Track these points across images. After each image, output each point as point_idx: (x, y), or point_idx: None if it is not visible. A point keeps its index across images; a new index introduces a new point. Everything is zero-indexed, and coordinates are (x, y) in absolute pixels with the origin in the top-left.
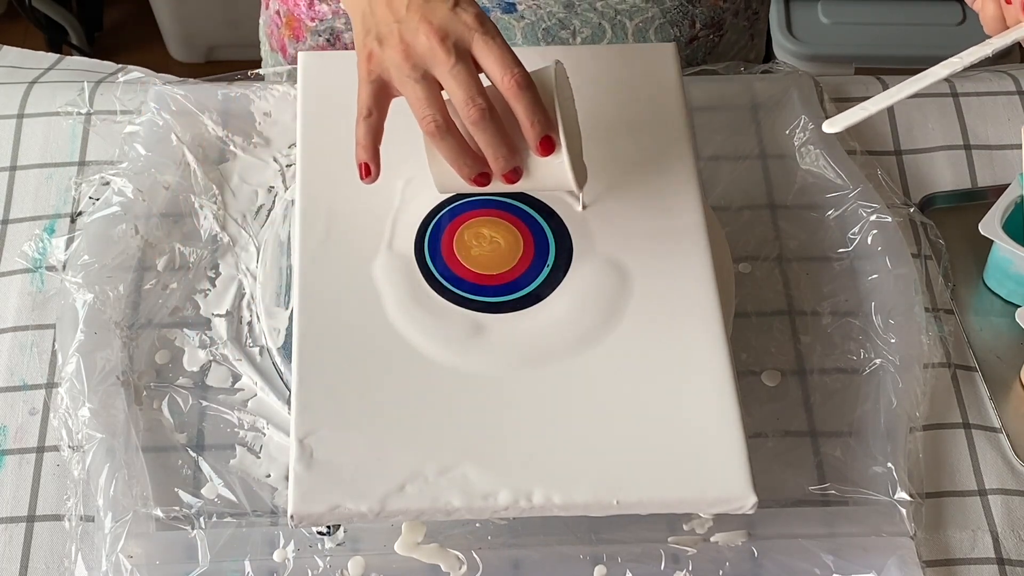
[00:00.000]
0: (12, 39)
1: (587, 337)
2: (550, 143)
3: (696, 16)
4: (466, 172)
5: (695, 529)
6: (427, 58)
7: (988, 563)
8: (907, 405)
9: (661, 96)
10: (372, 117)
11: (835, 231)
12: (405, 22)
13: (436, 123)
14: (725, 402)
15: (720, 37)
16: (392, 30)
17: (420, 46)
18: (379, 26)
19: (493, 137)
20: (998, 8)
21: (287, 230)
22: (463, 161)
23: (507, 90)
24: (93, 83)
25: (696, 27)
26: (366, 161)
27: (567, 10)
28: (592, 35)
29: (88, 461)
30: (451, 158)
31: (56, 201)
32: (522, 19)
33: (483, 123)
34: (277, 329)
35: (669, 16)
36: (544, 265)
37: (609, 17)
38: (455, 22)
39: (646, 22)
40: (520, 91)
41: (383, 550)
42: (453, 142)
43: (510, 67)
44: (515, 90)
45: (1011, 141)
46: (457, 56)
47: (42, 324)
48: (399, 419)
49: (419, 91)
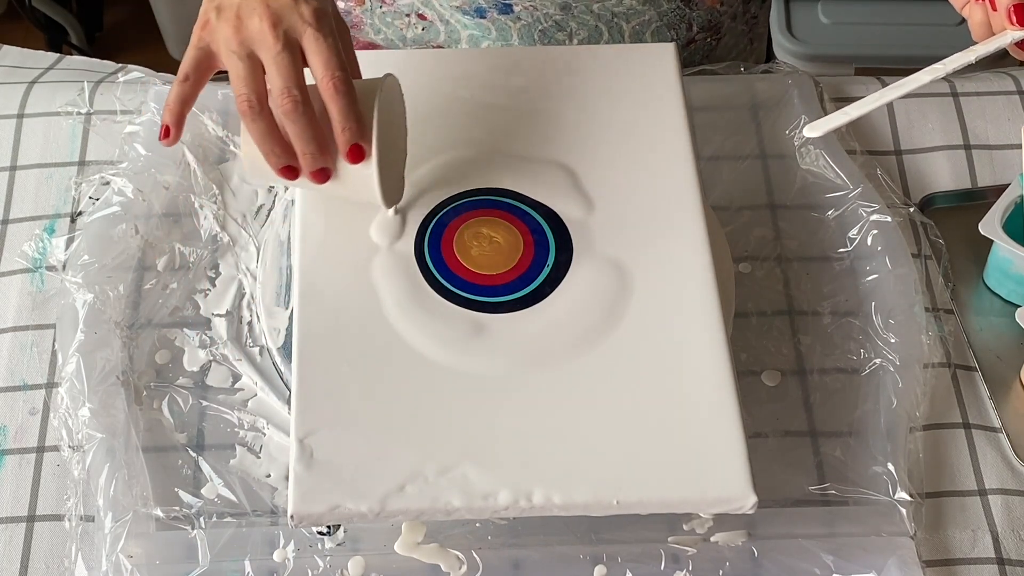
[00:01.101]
0: (12, 39)
1: (587, 337)
2: (359, 151)
3: (693, 19)
4: (273, 160)
5: (695, 529)
6: (256, 39)
7: (988, 563)
8: (907, 405)
9: (661, 96)
10: (187, 83)
11: (835, 231)
12: (246, 1)
13: (250, 103)
14: (725, 402)
15: (718, 41)
16: (232, 4)
17: (252, 26)
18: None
19: (303, 131)
20: (985, 14)
21: (287, 230)
22: (271, 148)
23: (324, 91)
24: (93, 83)
25: (693, 30)
26: (168, 124)
27: (564, 12)
28: (588, 37)
29: (88, 461)
30: (260, 141)
31: (56, 201)
32: (518, 20)
33: (295, 115)
34: (277, 329)
35: (666, 19)
36: (544, 265)
37: (606, 20)
38: (292, 12)
39: (643, 25)
40: (337, 94)
41: (383, 550)
42: (264, 125)
43: (332, 69)
44: (332, 92)
45: (1011, 141)
46: (284, 44)
47: (42, 324)
48: (399, 419)
49: (240, 68)
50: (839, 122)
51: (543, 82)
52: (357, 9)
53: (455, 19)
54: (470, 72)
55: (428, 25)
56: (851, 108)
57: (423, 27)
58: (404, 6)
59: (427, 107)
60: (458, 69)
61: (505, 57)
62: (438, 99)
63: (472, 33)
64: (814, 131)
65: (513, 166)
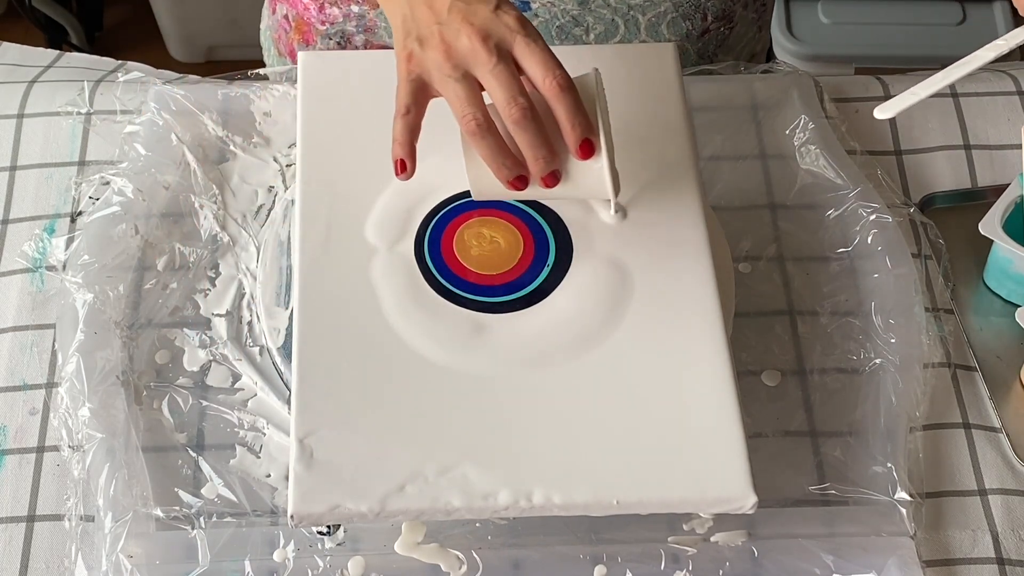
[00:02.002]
0: (12, 39)
1: (587, 337)
2: (590, 146)
3: (708, 9)
4: (504, 174)
5: (695, 529)
6: (468, 58)
7: (988, 563)
8: (907, 405)
9: (661, 96)
10: (410, 115)
11: (835, 231)
12: (447, 24)
13: (477, 121)
14: (725, 402)
15: (731, 30)
16: (433, 31)
17: (462, 47)
18: (420, 28)
19: (534, 137)
20: None
21: (287, 230)
22: (502, 162)
23: (548, 91)
24: (93, 83)
25: (708, 20)
26: (402, 157)
27: (581, 7)
28: (605, 31)
29: (88, 461)
30: (490, 158)
31: (56, 201)
32: (536, 17)
33: (525, 122)
34: (277, 329)
35: (681, 10)
36: (544, 265)
37: (622, 13)
38: (497, 24)
39: (659, 16)
40: (562, 93)
41: (383, 550)
42: (493, 142)
43: (552, 69)
44: (556, 91)
45: (1011, 141)
46: (499, 56)
47: (42, 324)
48: (399, 419)
49: (459, 90)
50: (908, 102)
51: None
52: (371, 13)
53: None
54: None
55: None
56: (919, 88)
57: None
58: None
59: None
60: None
61: None
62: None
63: None
64: (884, 113)
65: None
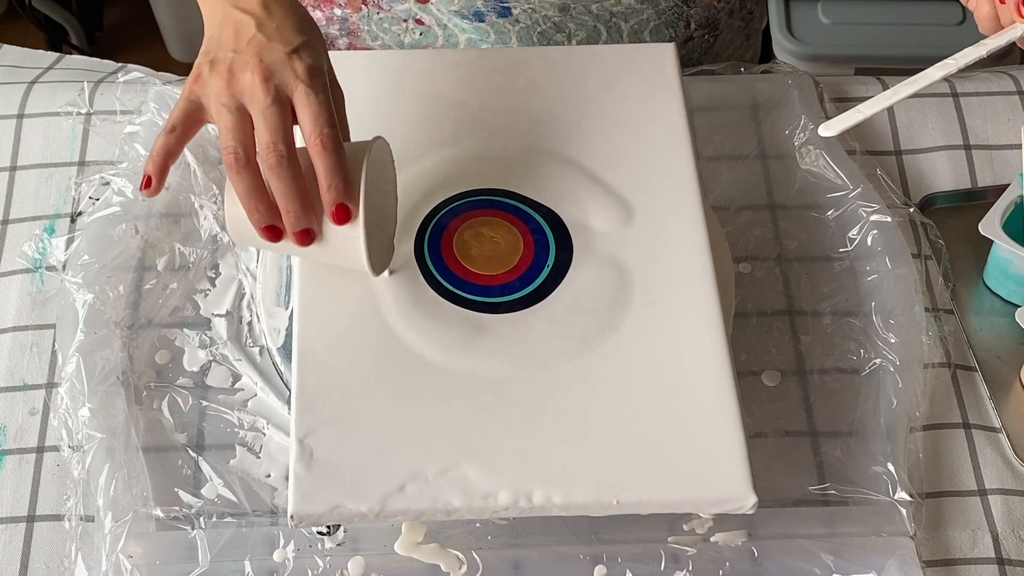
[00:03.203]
0: (12, 39)
1: (587, 337)
2: (345, 212)
3: (691, 17)
4: (256, 217)
5: (695, 529)
6: (246, 92)
7: (988, 563)
8: (907, 405)
9: (661, 96)
10: (174, 134)
11: (835, 231)
12: (240, 54)
13: (236, 155)
14: (725, 402)
15: (715, 37)
16: (226, 58)
17: (244, 79)
18: (218, 51)
19: (288, 188)
20: (993, 8)
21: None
22: (255, 204)
23: (312, 147)
24: (93, 83)
25: (691, 28)
26: (150, 174)
27: (562, 13)
28: (587, 38)
29: (88, 461)
30: (244, 196)
31: (56, 201)
32: (517, 23)
33: (279, 169)
34: (277, 329)
35: (664, 17)
36: (544, 265)
37: (604, 20)
38: (284, 67)
39: (641, 24)
40: (324, 151)
41: (383, 550)
42: (250, 180)
43: (321, 125)
44: (319, 148)
45: (1011, 141)
46: (275, 98)
47: (42, 324)
48: (399, 419)
49: (229, 121)
50: (853, 121)
51: (543, 82)
52: (354, 16)
53: (453, 23)
54: (469, 72)
55: (426, 30)
56: (864, 106)
57: (420, 32)
58: (401, 12)
59: (427, 107)
60: (457, 69)
61: (504, 57)
62: (438, 99)
63: (470, 37)
64: (829, 130)
65: (513, 166)
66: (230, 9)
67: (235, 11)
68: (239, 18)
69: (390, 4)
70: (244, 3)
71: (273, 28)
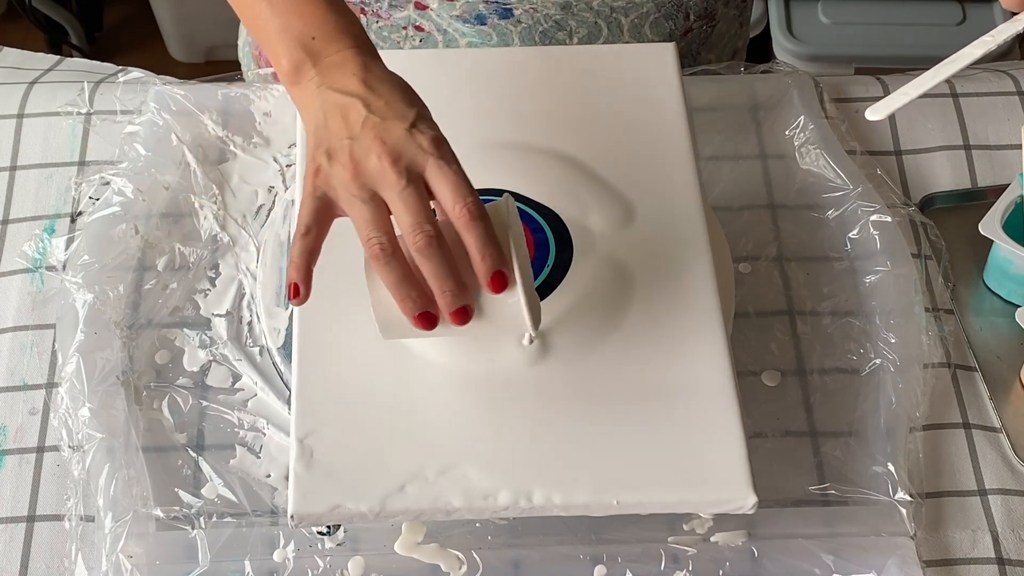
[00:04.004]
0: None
1: (587, 337)
2: (502, 279)
3: (690, 8)
4: (409, 306)
5: (695, 529)
6: (377, 179)
7: (988, 563)
8: (907, 405)
9: (661, 96)
10: (310, 235)
11: (835, 231)
12: (358, 139)
13: (381, 245)
14: (725, 402)
15: (712, 28)
16: (343, 146)
17: (371, 166)
18: (331, 140)
19: (440, 268)
20: None
21: (287, 230)
22: (407, 292)
23: (458, 219)
24: (93, 83)
25: (690, 19)
26: (296, 281)
27: (563, 12)
28: (588, 35)
29: (88, 461)
30: (394, 287)
31: (56, 201)
32: (519, 23)
33: (429, 251)
34: (277, 329)
35: (664, 10)
36: (544, 265)
37: (605, 16)
38: (410, 143)
39: (641, 18)
40: (472, 221)
41: (383, 550)
42: (398, 269)
43: (463, 196)
44: (466, 220)
45: (1011, 141)
46: (408, 179)
47: (42, 324)
48: (399, 419)
49: (365, 212)
50: (899, 103)
51: (543, 82)
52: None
53: (453, 28)
54: (470, 73)
55: (426, 36)
56: (909, 87)
57: (420, 39)
58: (400, 19)
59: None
60: (458, 70)
61: (505, 58)
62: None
63: (471, 41)
64: (876, 114)
65: (514, 166)
66: (329, 93)
67: (335, 95)
68: (343, 101)
69: (389, 12)
70: (342, 84)
71: (383, 105)
